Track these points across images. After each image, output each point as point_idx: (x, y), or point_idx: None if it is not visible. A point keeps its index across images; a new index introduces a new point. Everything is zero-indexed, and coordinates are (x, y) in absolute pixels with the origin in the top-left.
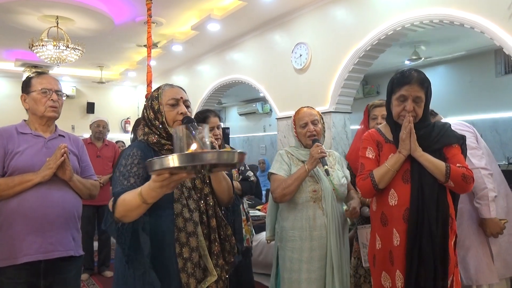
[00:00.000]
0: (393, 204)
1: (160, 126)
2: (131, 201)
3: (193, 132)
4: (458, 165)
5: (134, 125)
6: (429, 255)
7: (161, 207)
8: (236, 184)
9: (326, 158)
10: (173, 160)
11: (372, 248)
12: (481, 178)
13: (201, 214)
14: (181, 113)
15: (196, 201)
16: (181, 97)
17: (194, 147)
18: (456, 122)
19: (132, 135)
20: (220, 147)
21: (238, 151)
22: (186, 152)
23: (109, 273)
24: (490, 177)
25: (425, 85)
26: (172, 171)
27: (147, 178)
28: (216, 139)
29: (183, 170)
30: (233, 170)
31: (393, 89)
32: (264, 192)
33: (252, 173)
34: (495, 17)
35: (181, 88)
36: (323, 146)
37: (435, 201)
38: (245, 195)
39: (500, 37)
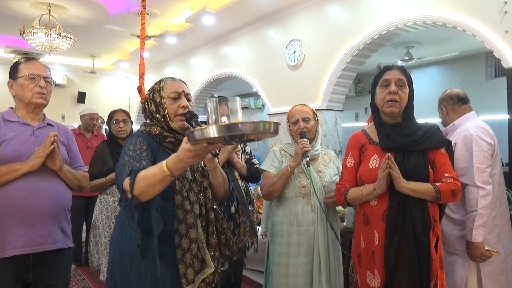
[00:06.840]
0: (374, 204)
1: (162, 119)
2: (154, 175)
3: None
4: (446, 175)
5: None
6: (412, 256)
7: (162, 198)
8: (242, 164)
9: (310, 152)
10: (213, 131)
11: (357, 247)
12: (475, 199)
13: (200, 207)
14: (183, 107)
15: (196, 194)
16: (183, 91)
17: (224, 119)
18: (481, 124)
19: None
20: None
21: (274, 121)
22: (226, 123)
23: None
24: (486, 199)
25: (407, 73)
26: (210, 141)
27: (154, 163)
28: None
29: (221, 140)
30: (241, 153)
31: (376, 81)
32: (252, 187)
33: (257, 162)
34: (487, 20)
35: (182, 81)
36: (307, 141)
37: (414, 201)
38: (250, 180)
39: (490, 40)
